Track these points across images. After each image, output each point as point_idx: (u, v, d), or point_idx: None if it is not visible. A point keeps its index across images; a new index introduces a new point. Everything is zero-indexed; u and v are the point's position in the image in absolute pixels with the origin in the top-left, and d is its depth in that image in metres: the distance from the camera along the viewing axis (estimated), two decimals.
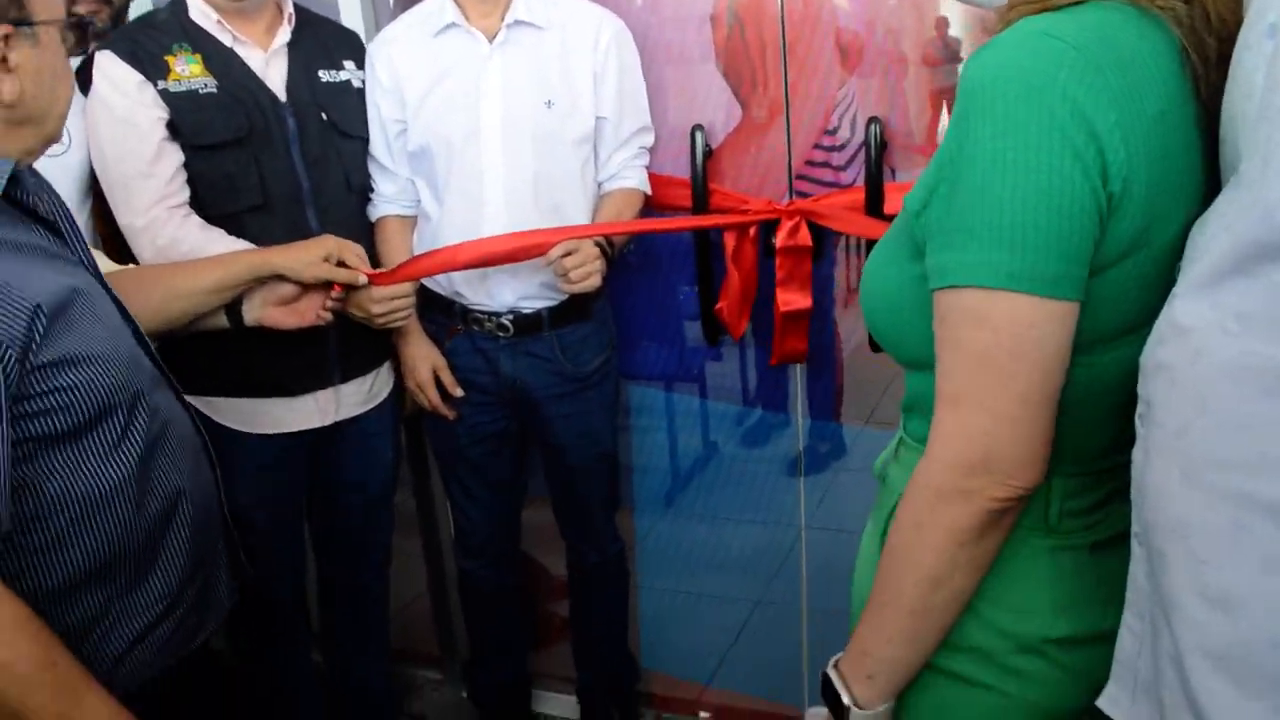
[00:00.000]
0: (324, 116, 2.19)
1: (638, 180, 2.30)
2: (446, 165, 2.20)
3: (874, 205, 2.14)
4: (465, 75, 2.18)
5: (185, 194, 2.06)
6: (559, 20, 2.20)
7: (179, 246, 2.03)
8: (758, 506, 2.58)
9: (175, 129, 2.04)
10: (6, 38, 1.25)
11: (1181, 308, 0.91)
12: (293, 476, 2.28)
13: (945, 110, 2.20)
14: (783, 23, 2.20)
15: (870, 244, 2.18)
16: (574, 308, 2.27)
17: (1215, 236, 0.89)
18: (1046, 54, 0.95)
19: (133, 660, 1.37)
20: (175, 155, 2.04)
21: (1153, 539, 0.93)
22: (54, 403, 1.24)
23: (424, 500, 2.78)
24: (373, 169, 2.30)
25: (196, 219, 2.06)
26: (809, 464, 2.50)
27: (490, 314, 2.25)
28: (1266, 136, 0.83)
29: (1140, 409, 0.97)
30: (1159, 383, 0.93)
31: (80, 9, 1.91)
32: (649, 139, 2.32)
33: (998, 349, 0.97)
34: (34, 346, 1.19)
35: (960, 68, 1.03)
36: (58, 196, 1.40)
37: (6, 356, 1.16)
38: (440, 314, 2.31)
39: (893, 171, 2.20)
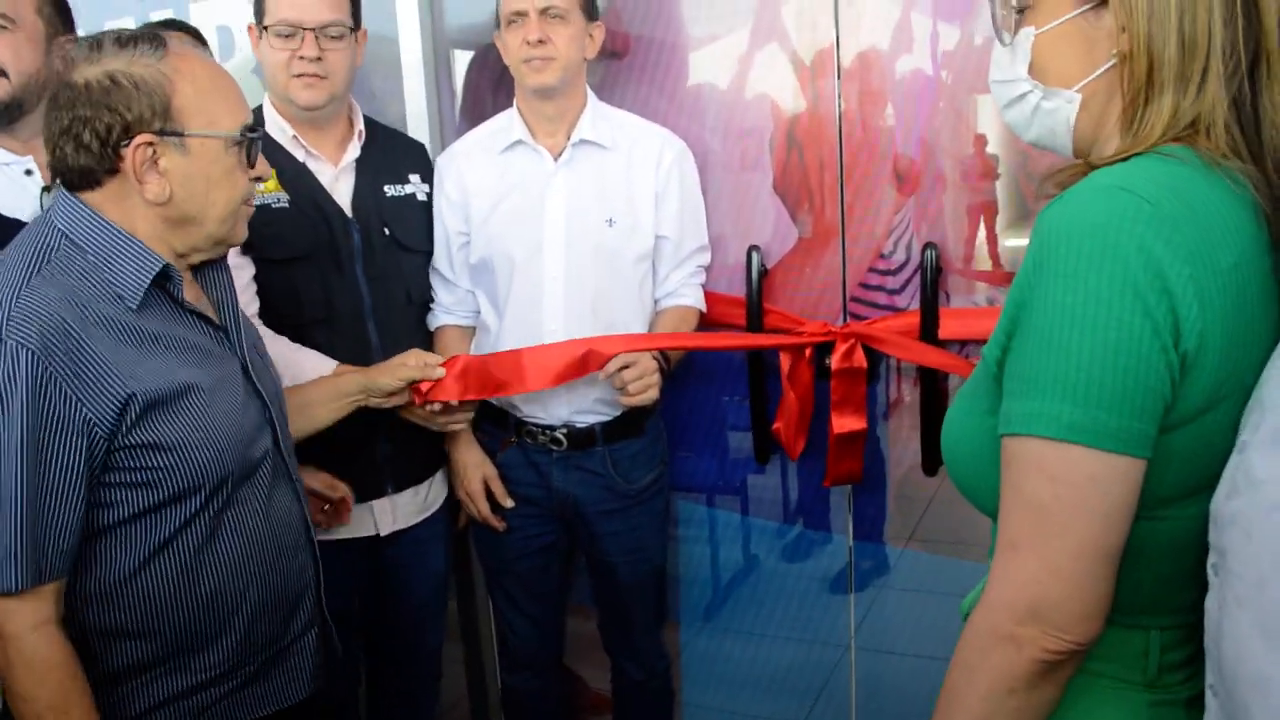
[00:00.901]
0: (386, 231, 2.24)
1: (694, 298, 2.33)
2: (508, 279, 2.24)
3: (928, 330, 2.15)
4: (530, 191, 2.23)
5: (255, 305, 2.11)
6: (623, 140, 2.25)
7: None
8: (803, 623, 2.55)
9: (248, 242, 2.08)
10: (152, 144, 1.44)
11: (1257, 460, 0.91)
12: (347, 582, 2.28)
13: (985, 229, 2.22)
14: (841, 147, 2.25)
15: (924, 367, 2.19)
16: (627, 423, 2.28)
17: None
18: (1121, 207, 0.97)
19: (171, 710, 1.51)
20: (248, 268, 2.10)
21: (1235, 692, 0.91)
22: (135, 479, 1.43)
23: (468, 610, 2.76)
24: (434, 279, 2.34)
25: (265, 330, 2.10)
26: (855, 582, 2.48)
27: (544, 427, 2.27)
28: None
29: (1213, 558, 0.97)
30: (1234, 534, 0.93)
31: None
32: (706, 258, 2.35)
33: (1055, 500, 0.98)
34: (123, 429, 1.39)
35: (1035, 219, 1.04)
36: (230, 294, 1.63)
37: (94, 434, 1.37)
38: (494, 425, 2.32)
39: (947, 296, 2.21)
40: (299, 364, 2.07)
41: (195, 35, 2.53)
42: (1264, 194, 1.03)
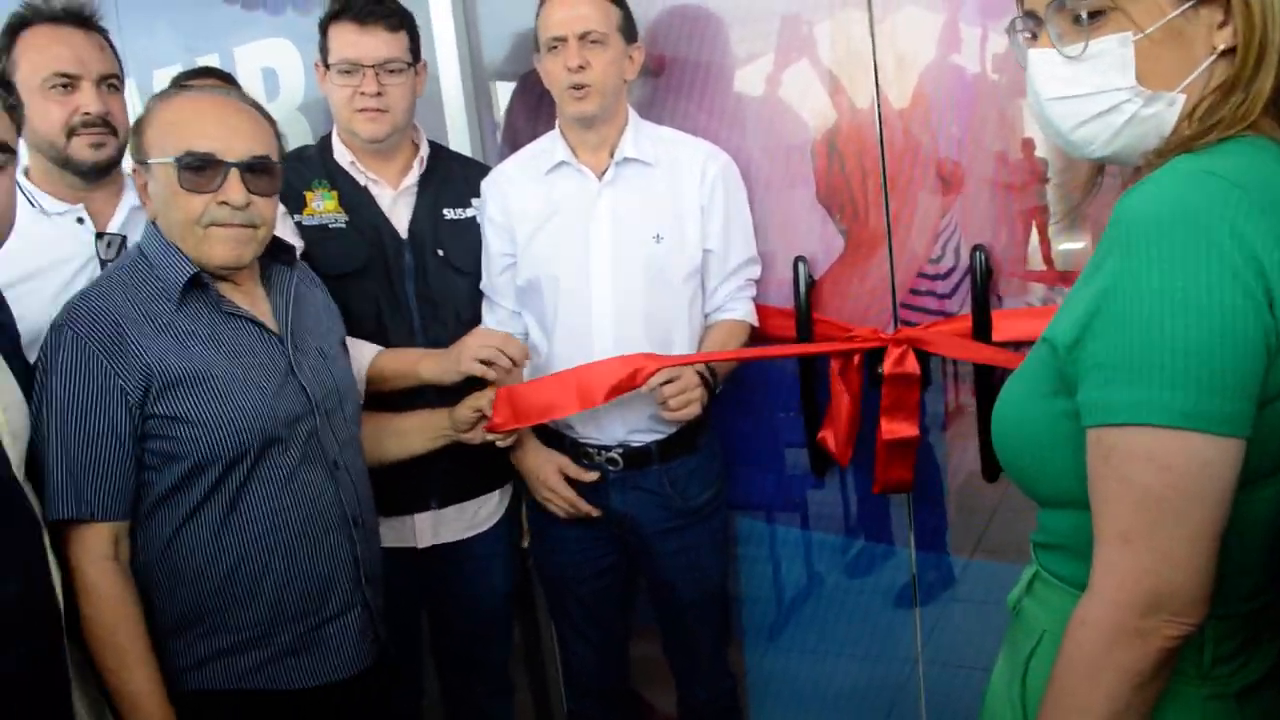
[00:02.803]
0: (440, 253, 2.31)
1: (744, 312, 2.32)
2: (554, 300, 2.25)
3: (982, 333, 2.12)
4: (575, 211, 2.24)
5: None
6: (666, 157, 2.26)
7: None
8: (869, 639, 2.52)
9: (308, 258, 2.17)
10: (137, 171, 1.79)
11: None
12: (402, 590, 2.30)
13: (1036, 232, 2.18)
14: (883, 154, 2.24)
15: (980, 372, 2.16)
16: (683, 441, 2.26)
17: None
18: (1212, 191, 0.96)
19: (215, 668, 1.75)
20: None
21: None
22: (163, 447, 1.70)
23: (531, 636, 2.75)
24: (484, 301, 2.37)
25: None
26: (919, 595, 2.44)
27: (600, 447, 2.26)
28: None
29: None
30: None
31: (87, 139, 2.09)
32: (756, 271, 2.34)
33: (1170, 488, 0.97)
34: (149, 399, 1.68)
35: (1116, 203, 1.02)
36: (288, 300, 1.88)
37: (128, 400, 1.67)
38: (550, 447, 2.31)
39: (999, 299, 2.18)
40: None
41: (226, 79, 2.67)
42: None
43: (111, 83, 2.12)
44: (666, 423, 2.22)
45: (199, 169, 1.72)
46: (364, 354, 2.19)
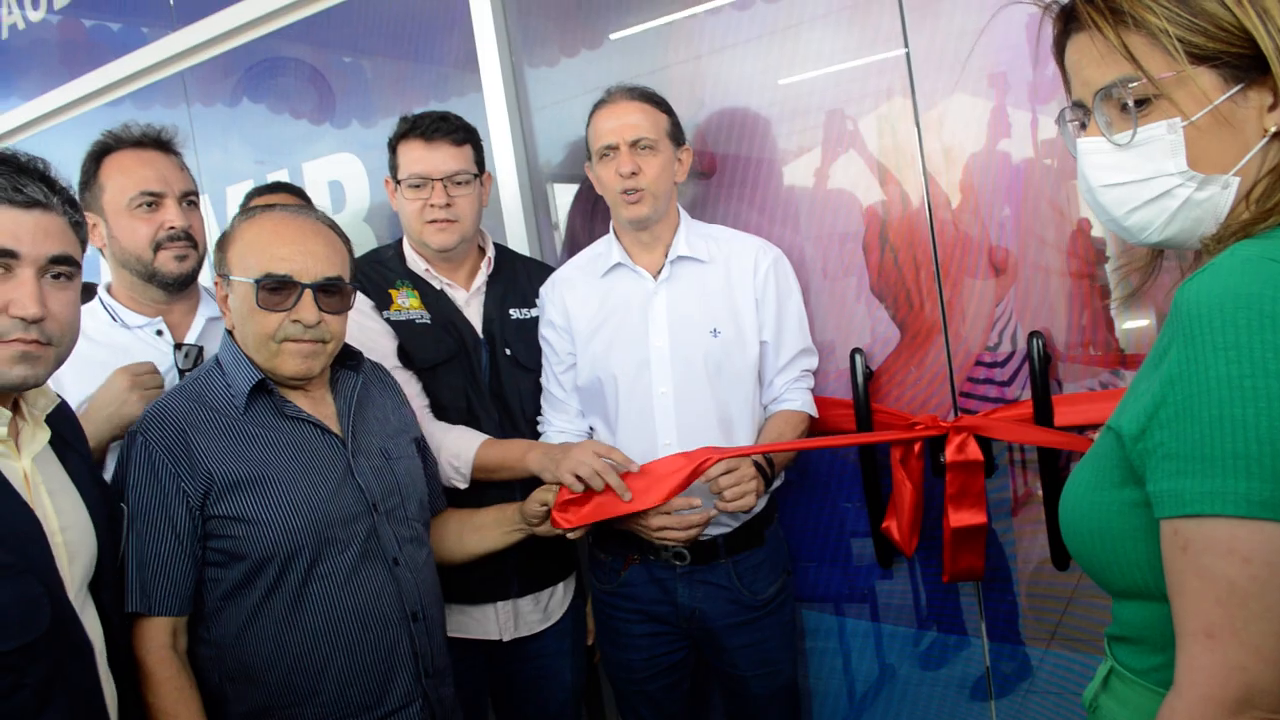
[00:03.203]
0: (508, 351, 2.40)
1: (802, 402, 2.33)
2: (616, 397, 2.28)
3: (1043, 418, 2.11)
4: (633, 311, 2.29)
5: (423, 400, 2.34)
6: (719, 253, 2.30)
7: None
8: None
9: (404, 351, 2.31)
10: (218, 284, 1.92)
11: None
12: (471, 683, 2.32)
13: (1097, 314, 2.16)
14: (934, 245, 2.25)
15: (1045, 459, 2.14)
16: (749, 534, 2.27)
17: None
18: (1273, 278, 0.96)
19: None
20: (415, 381, 2.33)
21: None
22: (224, 545, 1.79)
23: None
24: (544, 400, 2.42)
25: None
26: (994, 687, 2.38)
27: (667, 543, 2.27)
28: None
29: None
30: None
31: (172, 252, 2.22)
32: (812, 362, 2.36)
33: (1251, 580, 0.95)
34: (210, 500, 1.79)
35: (1176, 292, 1.02)
36: (351, 405, 1.96)
37: (189, 503, 1.78)
38: (617, 543, 2.32)
39: (1059, 384, 2.16)
40: (443, 442, 2.28)
41: (297, 193, 2.80)
42: None
43: (191, 199, 2.26)
44: (734, 516, 2.22)
45: (275, 289, 1.84)
46: (468, 444, 2.26)
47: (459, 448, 2.25)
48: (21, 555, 1.43)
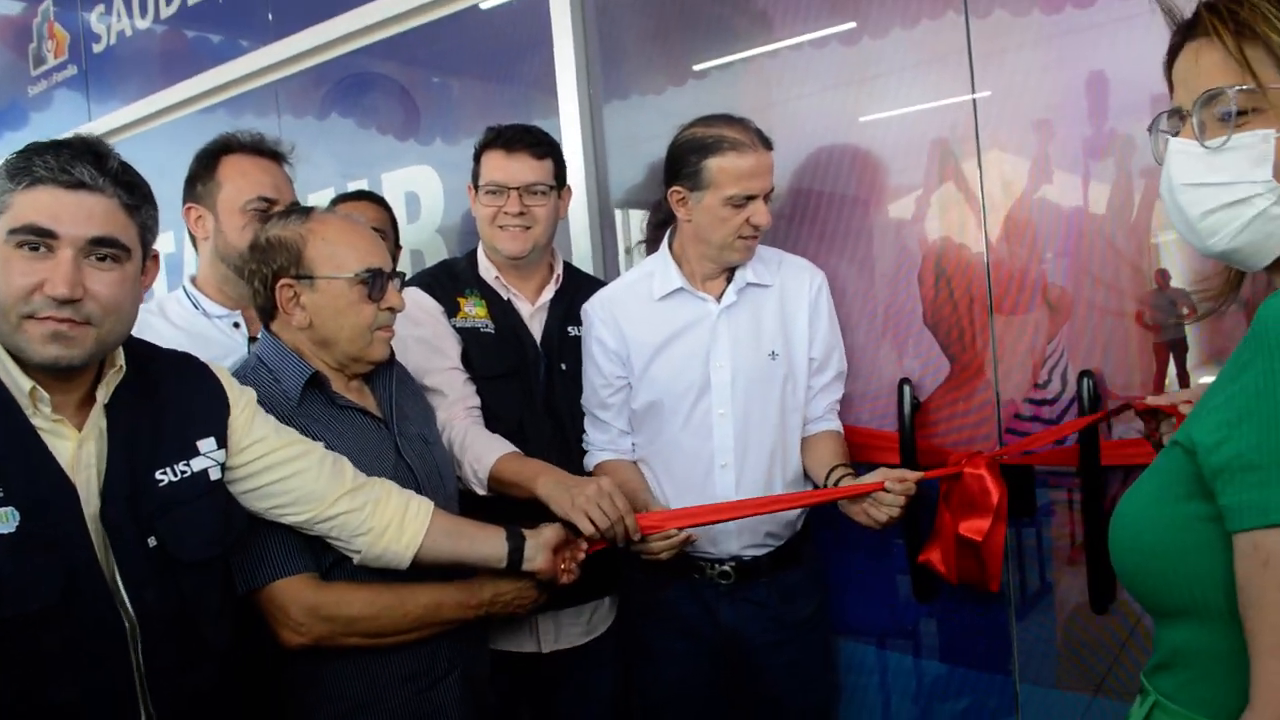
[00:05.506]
0: (563, 367, 2.45)
1: (839, 424, 2.39)
2: (675, 420, 2.31)
3: (1089, 459, 2.10)
4: (696, 335, 2.31)
5: (475, 400, 2.37)
6: (776, 278, 2.34)
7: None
8: None
9: (465, 357, 2.37)
10: (290, 286, 1.97)
11: None
12: (512, 691, 2.36)
13: (1173, 364, 2.14)
14: (989, 279, 2.27)
15: (1088, 502, 2.13)
16: (790, 553, 2.30)
17: None
18: None
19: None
20: (470, 383, 2.38)
21: None
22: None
23: None
24: (587, 420, 2.46)
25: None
26: None
27: (712, 561, 2.29)
28: None
29: None
30: None
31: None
32: (842, 388, 2.41)
33: None
34: None
35: (1257, 312, 1.05)
36: (391, 394, 2.08)
37: None
38: (652, 560, 2.33)
39: (1109, 427, 2.15)
40: (471, 445, 2.27)
41: (377, 200, 2.90)
42: None
43: None
44: (778, 536, 2.27)
45: (370, 282, 1.97)
46: (491, 450, 2.23)
47: (482, 452, 2.24)
48: (49, 525, 1.46)
